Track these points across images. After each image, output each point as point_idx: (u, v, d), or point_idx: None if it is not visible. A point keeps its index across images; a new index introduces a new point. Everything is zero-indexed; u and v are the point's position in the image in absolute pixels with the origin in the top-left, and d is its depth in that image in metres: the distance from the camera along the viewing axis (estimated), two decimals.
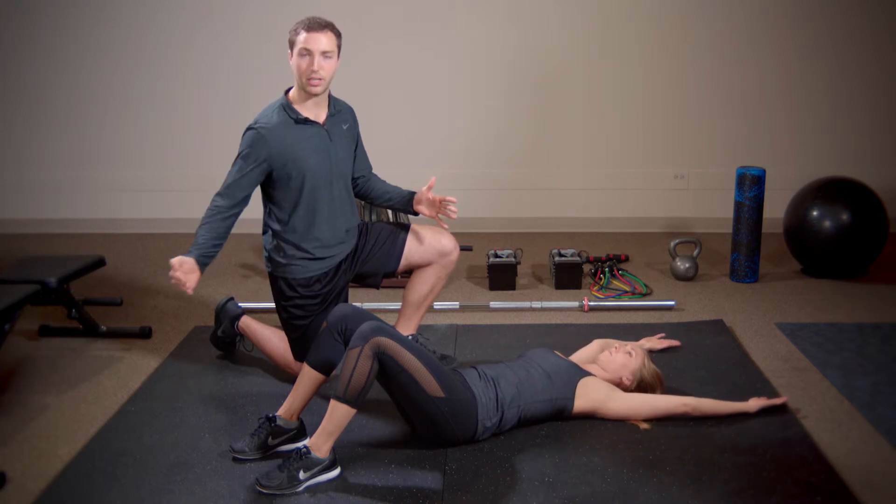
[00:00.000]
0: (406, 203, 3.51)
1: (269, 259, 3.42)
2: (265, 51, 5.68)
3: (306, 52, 3.20)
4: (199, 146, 5.90)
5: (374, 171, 3.63)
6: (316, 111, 3.34)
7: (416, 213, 3.52)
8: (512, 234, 5.78)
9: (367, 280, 3.59)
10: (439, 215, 3.44)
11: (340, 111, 3.44)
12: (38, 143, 5.97)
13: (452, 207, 3.41)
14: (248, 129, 3.30)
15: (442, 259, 3.50)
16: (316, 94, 3.27)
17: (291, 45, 3.25)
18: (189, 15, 5.75)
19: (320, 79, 3.22)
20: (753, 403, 3.18)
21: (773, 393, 3.36)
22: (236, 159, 3.31)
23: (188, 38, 5.78)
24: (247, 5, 5.72)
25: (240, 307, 3.78)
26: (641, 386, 3.24)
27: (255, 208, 3.46)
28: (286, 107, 3.30)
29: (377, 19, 5.72)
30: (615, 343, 3.39)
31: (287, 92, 3.36)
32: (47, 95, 5.90)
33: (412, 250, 3.49)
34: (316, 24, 3.22)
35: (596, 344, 3.55)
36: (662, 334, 3.85)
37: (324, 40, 3.21)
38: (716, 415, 3.14)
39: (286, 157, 3.27)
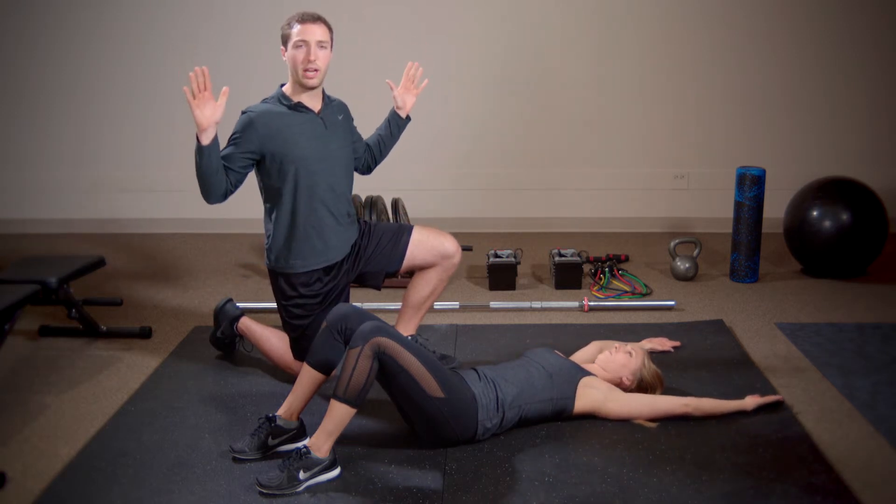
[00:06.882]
0: (394, 117, 3.66)
1: (269, 251, 3.41)
2: (265, 51, 5.66)
3: (302, 44, 3.21)
4: None
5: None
6: (311, 103, 3.34)
7: (405, 117, 3.67)
8: (512, 234, 5.78)
9: (369, 281, 3.57)
10: (416, 85, 3.65)
11: (334, 103, 3.45)
12: (38, 143, 5.97)
13: (418, 73, 3.64)
14: (242, 112, 3.31)
15: (444, 261, 3.49)
16: (312, 87, 3.27)
17: (285, 39, 3.26)
18: (189, 15, 5.75)
19: (316, 69, 3.23)
20: (750, 401, 3.20)
21: (772, 393, 3.37)
22: (229, 140, 3.29)
23: (188, 38, 5.77)
24: (247, 5, 5.72)
25: (238, 308, 3.78)
26: (641, 386, 3.24)
27: (254, 208, 3.45)
28: (280, 96, 3.32)
29: (375, 19, 5.72)
30: (615, 344, 3.39)
31: (281, 86, 3.36)
32: (47, 95, 5.90)
33: (414, 252, 3.49)
34: (309, 17, 3.24)
35: (594, 345, 3.55)
36: (665, 339, 3.85)
37: (318, 31, 3.23)
38: (715, 414, 3.15)
39: (277, 141, 3.26)
